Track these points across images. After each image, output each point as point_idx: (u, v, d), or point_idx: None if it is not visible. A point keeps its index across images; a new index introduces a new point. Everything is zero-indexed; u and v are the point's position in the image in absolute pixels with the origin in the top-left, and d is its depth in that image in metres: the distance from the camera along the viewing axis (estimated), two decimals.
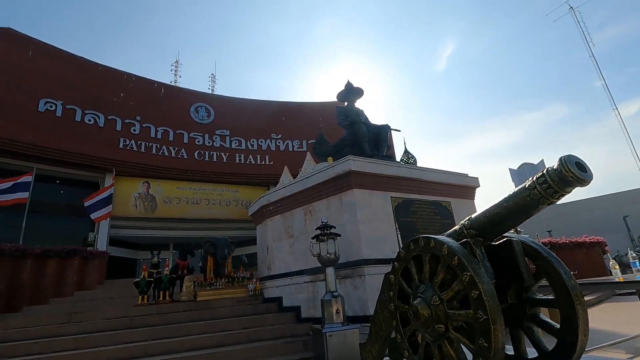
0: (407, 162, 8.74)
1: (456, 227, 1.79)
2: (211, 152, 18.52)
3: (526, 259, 1.62)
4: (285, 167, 10.56)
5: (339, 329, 4.98)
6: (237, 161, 18.98)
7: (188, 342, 5.56)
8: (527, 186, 1.39)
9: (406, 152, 9.18)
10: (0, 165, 13.94)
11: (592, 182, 1.28)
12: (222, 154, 18.75)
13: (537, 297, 1.65)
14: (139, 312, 6.68)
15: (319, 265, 5.65)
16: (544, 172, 1.33)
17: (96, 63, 17.31)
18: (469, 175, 8.36)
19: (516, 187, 1.50)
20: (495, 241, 1.69)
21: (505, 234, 1.67)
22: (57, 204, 15.80)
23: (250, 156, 19.35)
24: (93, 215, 12.05)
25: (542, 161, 22.75)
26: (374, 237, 6.05)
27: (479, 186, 8.40)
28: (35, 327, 5.99)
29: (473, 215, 1.72)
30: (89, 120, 15.81)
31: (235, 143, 19.32)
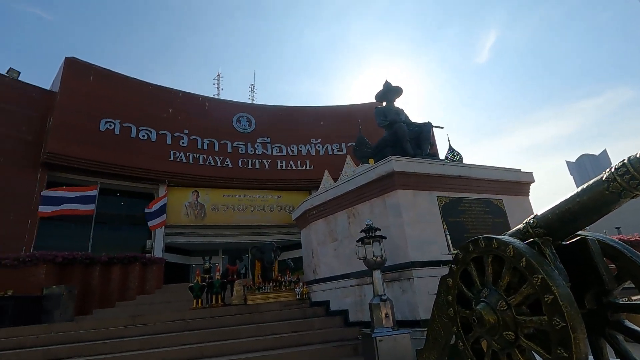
0: (452, 160, 8.38)
1: (519, 227, 1.66)
2: (254, 160, 19.14)
3: (604, 259, 1.45)
4: (325, 170, 10.60)
5: (390, 334, 4.85)
6: (279, 167, 19.43)
7: (240, 345, 5.73)
8: (604, 178, 1.24)
9: (451, 149, 8.82)
10: (69, 181, 15.46)
11: None
12: (264, 161, 19.30)
13: (620, 302, 1.46)
14: (194, 315, 7.01)
15: (365, 268, 5.56)
16: (625, 161, 1.18)
17: (147, 82, 18.66)
18: (522, 170, 7.83)
19: (575, 180, 1.35)
20: (566, 240, 1.53)
21: (577, 232, 1.51)
22: (119, 215, 17.17)
23: (292, 162, 19.71)
24: (150, 224, 12.90)
25: (604, 151, 20.75)
26: (421, 239, 5.85)
27: (533, 181, 7.84)
28: (104, 328, 6.50)
29: (539, 213, 1.58)
30: (143, 136, 17.05)
31: (276, 150, 19.79)
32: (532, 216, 1.61)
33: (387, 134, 8.35)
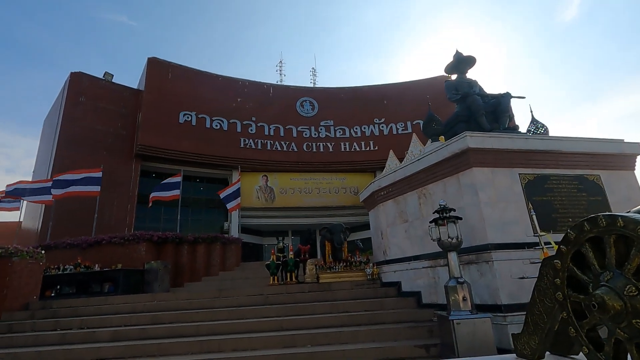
0: (536, 133, 7.57)
1: None
2: (318, 143, 19.44)
3: None
4: (390, 151, 10.36)
5: (468, 317, 4.67)
6: (343, 149, 19.47)
7: (315, 320, 6.00)
8: None
9: (534, 121, 7.97)
10: (158, 170, 17.37)
11: None
12: (328, 144, 19.48)
13: None
14: (271, 291, 7.51)
15: (437, 250, 5.39)
16: None
17: (217, 75, 19.85)
18: (625, 140, 6.78)
19: None
20: None
21: None
22: (199, 199, 18.89)
23: (355, 143, 19.60)
24: (229, 206, 13.98)
25: None
26: (501, 220, 5.46)
27: None
28: (196, 300, 7.30)
29: None
30: (216, 126, 18.32)
31: (340, 132, 19.81)
32: None
33: (459, 109, 7.81)
